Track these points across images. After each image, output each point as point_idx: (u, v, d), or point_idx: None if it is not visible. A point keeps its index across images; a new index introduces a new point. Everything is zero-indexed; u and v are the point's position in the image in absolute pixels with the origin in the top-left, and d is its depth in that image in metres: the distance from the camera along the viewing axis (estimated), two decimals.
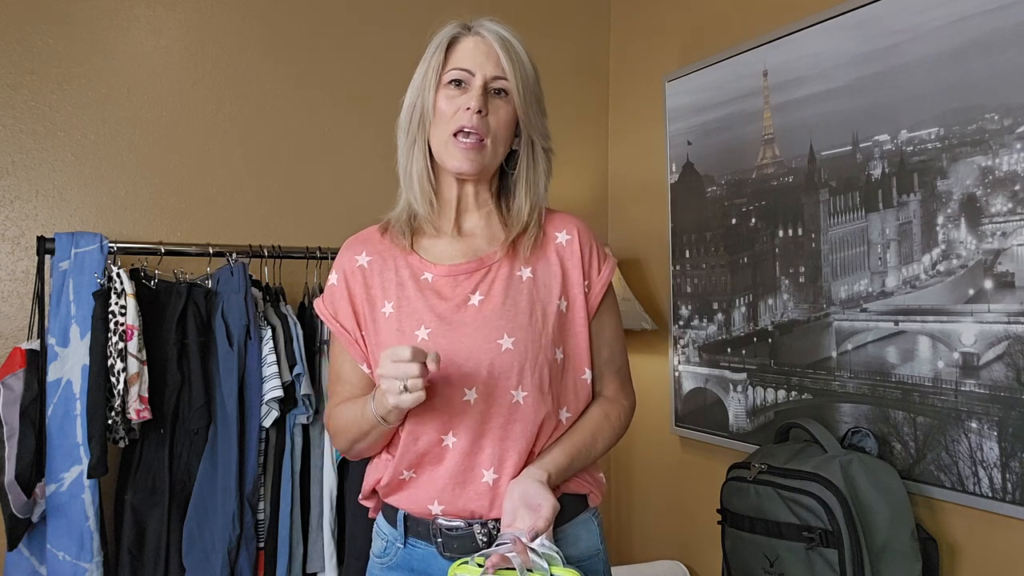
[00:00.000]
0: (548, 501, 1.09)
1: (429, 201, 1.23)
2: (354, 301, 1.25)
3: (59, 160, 2.02)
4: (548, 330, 1.19)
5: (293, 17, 2.28)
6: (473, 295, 1.19)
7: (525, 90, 1.19)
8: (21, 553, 1.77)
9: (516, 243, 1.23)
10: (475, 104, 1.15)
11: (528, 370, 1.16)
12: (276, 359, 1.90)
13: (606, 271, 1.27)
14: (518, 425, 1.16)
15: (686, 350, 2.31)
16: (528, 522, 1.08)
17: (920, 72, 1.65)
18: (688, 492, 2.34)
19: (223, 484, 1.82)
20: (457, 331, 1.17)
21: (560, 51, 2.64)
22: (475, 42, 1.19)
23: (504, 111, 1.19)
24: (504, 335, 1.16)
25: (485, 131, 1.17)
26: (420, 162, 1.22)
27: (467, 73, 1.18)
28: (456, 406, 1.16)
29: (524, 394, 1.16)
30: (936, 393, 1.62)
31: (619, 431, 1.27)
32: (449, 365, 1.15)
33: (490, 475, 1.16)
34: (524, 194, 1.24)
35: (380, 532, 1.27)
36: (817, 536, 1.54)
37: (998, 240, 1.52)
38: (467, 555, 1.12)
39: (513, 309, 1.19)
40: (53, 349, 1.79)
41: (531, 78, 1.21)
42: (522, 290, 1.21)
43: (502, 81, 1.18)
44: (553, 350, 1.19)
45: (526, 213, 1.23)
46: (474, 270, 1.22)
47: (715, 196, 2.21)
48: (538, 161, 1.24)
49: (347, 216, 2.28)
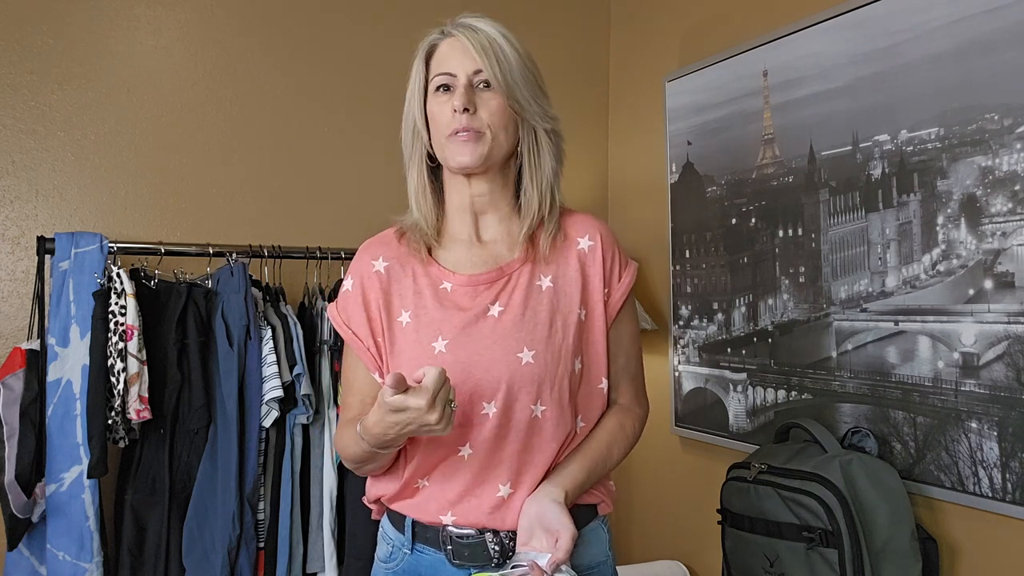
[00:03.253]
0: (567, 530, 1.07)
1: (427, 217, 1.22)
2: (369, 308, 1.22)
3: (59, 160, 2.02)
4: (568, 341, 1.17)
5: (293, 17, 2.28)
6: (493, 306, 1.17)
7: (506, 75, 1.16)
8: (21, 553, 1.77)
9: (535, 240, 1.21)
10: (459, 103, 1.14)
11: (548, 384, 1.14)
12: (276, 359, 1.90)
13: (627, 278, 1.24)
14: (538, 440, 1.15)
15: (686, 350, 2.31)
16: (544, 543, 1.07)
17: (920, 72, 1.65)
18: (688, 492, 2.34)
19: (223, 484, 1.82)
20: (476, 343, 1.15)
21: (560, 51, 2.64)
22: (450, 43, 1.18)
23: (494, 102, 1.16)
24: (524, 348, 1.14)
25: (478, 126, 1.15)
26: (416, 179, 1.22)
27: (450, 76, 1.17)
28: (474, 418, 1.14)
29: (544, 408, 1.15)
30: (936, 393, 1.62)
31: (633, 441, 1.25)
32: (468, 378, 1.13)
33: (505, 489, 1.14)
34: (530, 180, 1.20)
35: (386, 536, 1.24)
36: (817, 536, 1.54)
37: (998, 240, 1.52)
38: (478, 563, 1.11)
39: (533, 320, 1.16)
40: (53, 349, 1.78)
41: (515, 62, 1.17)
42: (542, 300, 1.18)
43: (482, 74, 1.16)
44: (573, 361, 1.17)
45: (536, 201, 1.20)
46: (494, 280, 1.19)
47: (715, 196, 2.21)
48: (541, 144, 1.21)
49: (347, 216, 2.28)
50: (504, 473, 1.15)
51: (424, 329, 1.17)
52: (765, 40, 2.02)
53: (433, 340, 1.16)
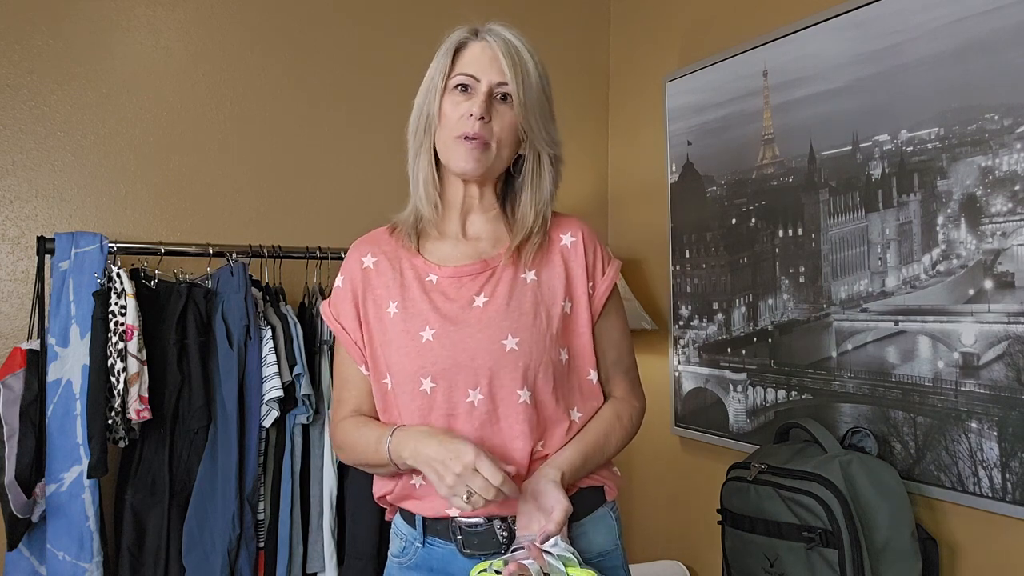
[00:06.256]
0: (560, 503, 1.09)
1: (434, 204, 1.24)
2: (357, 302, 1.25)
3: (59, 160, 2.02)
4: (552, 331, 1.19)
5: (293, 17, 2.28)
6: (478, 297, 1.20)
7: (527, 96, 1.18)
8: (21, 553, 1.77)
9: (520, 249, 1.24)
10: (477, 111, 1.16)
11: (533, 370, 1.17)
12: (276, 359, 1.90)
13: (610, 273, 1.27)
14: (524, 426, 1.16)
15: (686, 350, 2.31)
16: (542, 522, 1.08)
17: (920, 72, 1.65)
18: (688, 492, 2.34)
19: (223, 484, 1.82)
20: (461, 332, 1.17)
21: (560, 51, 2.64)
22: (481, 47, 1.20)
23: (508, 116, 1.19)
24: (508, 335, 1.17)
25: (488, 136, 1.17)
26: (426, 167, 1.23)
27: (472, 79, 1.18)
28: (460, 407, 1.16)
29: (530, 394, 1.16)
30: (936, 393, 1.62)
31: (631, 431, 1.27)
32: (454, 366, 1.16)
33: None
34: (529, 201, 1.24)
35: (398, 532, 1.27)
36: (817, 536, 1.54)
37: (998, 240, 1.52)
38: (488, 552, 1.12)
39: (517, 310, 1.19)
40: (53, 349, 1.78)
41: (535, 85, 1.20)
42: (526, 292, 1.21)
43: (505, 87, 1.18)
44: (558, 350, 1.20)
45: (531, 221, 1.24)
46: (479, 272, 1.22)
47: (715, 196, 2.21)
48: (543, 169, 1.24)
49: (347, 216, 2.29)
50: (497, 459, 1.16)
51: (412, 319, 1.20)
52: (765, 40, 2.02)
53: (420, 329, 1.18)
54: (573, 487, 1.18)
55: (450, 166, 1.21)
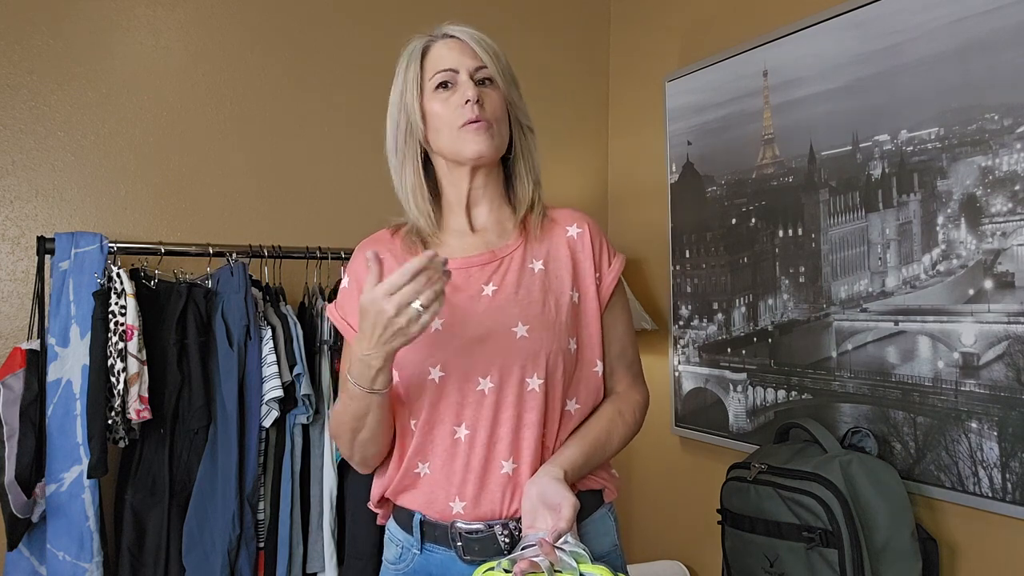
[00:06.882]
0: (568, 500, 1.07)
1: (427, 215, 1.24)
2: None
3: (59, 160, 2.02)
4: (562, 319, 1.19)
5: (293, 17, 2.28)
6: (486, 286, 1.20)
7: (505, 74, 1.22)
8: (21, 553, 1.77)
9: (526, 223, 1.25)
10: (472, 94, 1.17)
11: (543, 357, 1.16)
12: (276, 359, 1.90)
13: (616, 265, 1.28)
14: (533, 414, 1.16)
15: (686, 350, 2.31)
16: (549, 522, 1.07)
17: (920, 72, 1.65)
18: (688, 492, 2.34)
19: (223, 484, 1.82)
20: (471, 320, 1.17)
21: (560, 51, 2.64)
22: (446, 44, 1.22)
23: (494, 95, 1.21)
24: (519, 323, 1.17)
25: (487, 117, 1.19)
26: (412, 177, 1.23)
27: (451, 72, 1.20)
28: (470, 396, 1.15)
29: (540, 382, 1.16)
30: (936, 393, 1.62)
31: (633, 428, 1.27)
32: (464, 354, 1.15)
33: (509, 465, 1.15)
34: (526, 172, 1.26)
35: (393, 538, 1.25)
36: (817, 536, 1.54)
37: (998, 240, 1.52)
38: (489, 557, 1.10)
39: (527, 298, 1.19)
40: (53, 349, 1.78)
41: (507, 64, 1.24)
42: (535, 281, 1.21)
43: (485, 70, 1.21)
44: (567, 339, 1.19)
45: (531, 190, 1.26)
46: (487, 262, 1.22)
47: (715, 196, 2.21)
48: (528, 139, 1.27)
49: (347, 216, 2.29)
50: (505, 449, 1.15)
51: None
52: (765, 40, 2.02)
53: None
54: (573, 489, 1.18)
55: (463, 155, 1.20)
